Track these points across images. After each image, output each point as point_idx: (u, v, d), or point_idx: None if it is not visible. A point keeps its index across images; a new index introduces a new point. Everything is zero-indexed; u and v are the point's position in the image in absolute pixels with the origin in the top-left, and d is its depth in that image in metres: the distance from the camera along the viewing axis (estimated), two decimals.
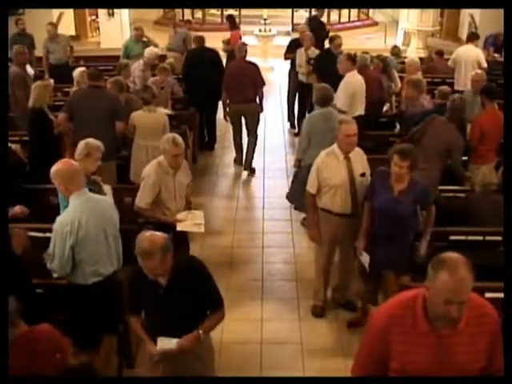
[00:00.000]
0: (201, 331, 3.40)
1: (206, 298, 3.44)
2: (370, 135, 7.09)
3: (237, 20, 16.06)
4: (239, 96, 7.86)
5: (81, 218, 3.95)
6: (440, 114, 6.28)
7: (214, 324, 3.52)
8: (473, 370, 2.59)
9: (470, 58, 8.82)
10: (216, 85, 8.23)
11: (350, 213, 5.00)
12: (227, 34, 11.38)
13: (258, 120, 8.23)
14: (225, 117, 8.28)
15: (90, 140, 4.87)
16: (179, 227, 4.84)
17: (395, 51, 10.02)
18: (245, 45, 8.39)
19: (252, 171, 8.42)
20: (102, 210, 4.14)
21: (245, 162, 8.42)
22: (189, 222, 4.90)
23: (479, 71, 7.69)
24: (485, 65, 8.88)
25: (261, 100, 8.14)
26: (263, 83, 8.12)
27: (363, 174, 5.01)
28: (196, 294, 3.37)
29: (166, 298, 3.35)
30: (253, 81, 7.89)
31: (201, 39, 8.97)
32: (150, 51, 8.76)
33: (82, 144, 4.77)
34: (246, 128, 8.26)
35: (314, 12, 12.64)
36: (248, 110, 8.02)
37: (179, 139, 4.82)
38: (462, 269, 2.42)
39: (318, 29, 10.95)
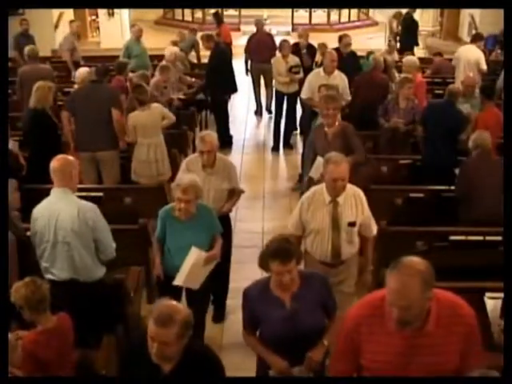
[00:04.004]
0: None
1: None
2: (371, 135, 7.12)
3: (236, 20, 16.28)
4: (259, 57, 10.23)
5: (36, 212, 4.12)
6: (437, 109, 6.47)
7: None
8: (444, 371, 2.56)
9: (472, 59, 8.78)
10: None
11: (329, 262, 4.19)
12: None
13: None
14: (247, 73, 10.73)
15: (184, 179, 4.26)
16: None
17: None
18: (262, 21, 11.27)
19: (270, 112, 10.48)
20: (60, 214, 4.03)
21: (266, 106, 10.74)
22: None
23: (471, 75, 7.70)
24: (484, 67, 8.78)
25: None
26: (276, 48, 9.81)
27: (352, 224, 4.12)
28: None
29: None
30: (269, 47, 10.19)
31: (213, 37, 9.14)
32: (168, 51, 8.78)
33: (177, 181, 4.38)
34: (265, 83, 10.44)
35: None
36: (265, 69, 9.99)
37: (207, 137, 4.72)
38: (411, 275, 2.41)
39: (411, 26, 12.07)
